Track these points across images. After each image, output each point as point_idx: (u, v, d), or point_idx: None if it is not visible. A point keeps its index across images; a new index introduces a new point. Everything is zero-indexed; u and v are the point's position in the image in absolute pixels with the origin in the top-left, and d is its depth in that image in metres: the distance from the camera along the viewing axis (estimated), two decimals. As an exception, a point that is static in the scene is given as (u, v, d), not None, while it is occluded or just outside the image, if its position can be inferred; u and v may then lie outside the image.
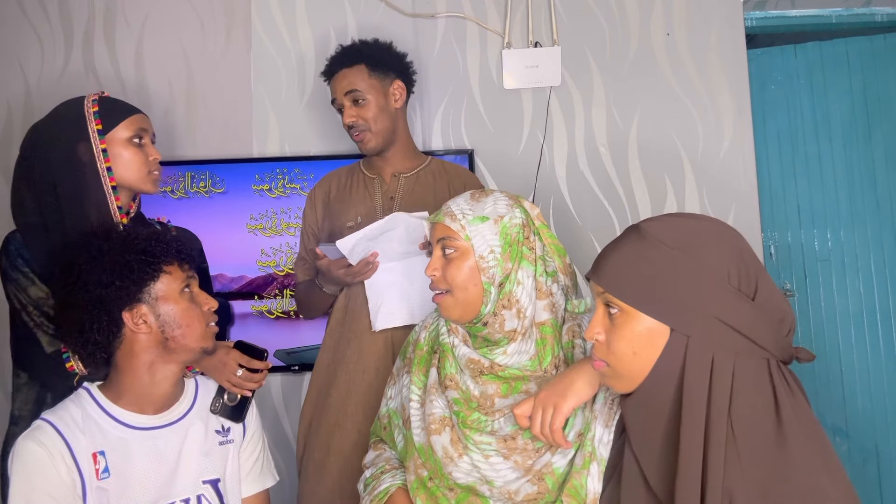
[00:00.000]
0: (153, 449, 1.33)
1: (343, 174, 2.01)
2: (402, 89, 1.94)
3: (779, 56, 2.91)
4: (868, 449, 2.72)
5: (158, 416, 1.36)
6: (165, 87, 2.50)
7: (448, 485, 1.23)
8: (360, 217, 1.88)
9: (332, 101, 1.94)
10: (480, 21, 2.52)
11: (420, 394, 1.34)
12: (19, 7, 2.51)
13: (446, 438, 1.25)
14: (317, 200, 1.98)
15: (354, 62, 1.89)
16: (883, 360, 2.77)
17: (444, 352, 1.33)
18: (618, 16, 2.52)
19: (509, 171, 2.47)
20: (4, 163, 2.47)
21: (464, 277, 1.26)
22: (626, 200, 2.47)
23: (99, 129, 1.56)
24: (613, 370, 1.05)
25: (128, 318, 1.30)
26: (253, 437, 1.48)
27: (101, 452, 1.29)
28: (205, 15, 2.52)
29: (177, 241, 1.36)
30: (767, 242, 2.86)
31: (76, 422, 1.29)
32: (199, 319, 1.35)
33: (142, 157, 1.60)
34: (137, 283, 1.30)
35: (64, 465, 1.25)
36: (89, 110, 1.57)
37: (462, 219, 1.28)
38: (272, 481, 1.51)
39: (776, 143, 2.90)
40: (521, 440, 1.20)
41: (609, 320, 1.05)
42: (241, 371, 1.45)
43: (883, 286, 2.80)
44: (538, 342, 1.26)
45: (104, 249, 1.32)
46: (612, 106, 2.50)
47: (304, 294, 1.94)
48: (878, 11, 2.78)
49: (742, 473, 0.93)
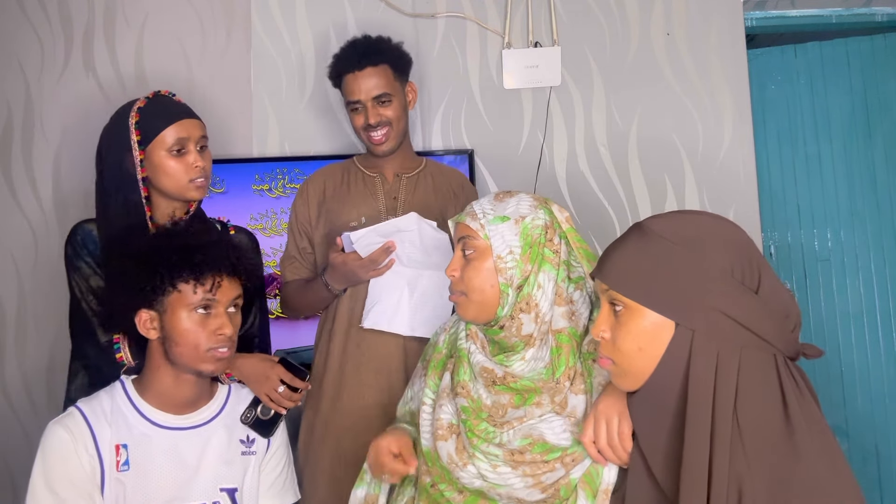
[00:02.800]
0: (174, 449, 1.34)
1: (337, 172, 1.97)
2: (414, 91, 1.96)
3: (779, 56, 2.90)
4: (868, 449, 2.72)
5: (183, 417, 1.37)
6: (165, 87, 2.48)
7: (457, 488, 1.22)
8: (363, 217, 1.86)
9: (348, 101, 1.88)
10: (480, 21, 2.52)
11: (433, 398, 1.31)
12: (19, 7, 2.51)
13: (451, 446, 1.23)
14: (310, 197, 1.93)
15: (380, 62, 1.86)
16: (883, 360, 2.77)
17: (459, 357, 1.30)
18: (618, 16, 2.52)
19: (509, 171, 2.47)
20: (4, 163, 2.47)
21: (481, 280, 1.22)
22: (626, 200, 2.47)
23: (138, 139, 1.57)
24: (619, 367, 1.05)
25: (136, 320, 1.33)
26: (277, 452, 1.47)
27: (124, 445, 1.31)
28: (205, 15, 2.52)
29: (205, 260, 1.32)
30: (767, 242, 2.85)
31: (105, 412, 1.32)
32: (202, 342, 1.32)
33: (182, 166, 1.57)
34: (145, 293, 1.32)
35: (86, 453, 1.28)
36: (131, 121, 1.58)
37: (482, 218, 1.24)
38: (294, 498, 1.50)
39: (776, 143, 2.89)
40: (529, 455, 1.16)
41: (614, 318, 1.05)
42: (283, 388, 1.46)
43: (883, 286, 2.80)
44: (553, 350, 1.22)
45: (127, 252, 1.36)
46: (612, 106, 2.50)
47: (298, 294, 1.90)
48: (878, 11, 2.78)
49: (748, 467, 0.93)
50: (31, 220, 2.46)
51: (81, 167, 2.45)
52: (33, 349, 2.41)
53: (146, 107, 1.59)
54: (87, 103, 2.48)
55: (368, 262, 1.69)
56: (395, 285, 1.74)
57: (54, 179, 2.47)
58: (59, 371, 2.05)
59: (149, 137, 1.56)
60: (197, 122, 1.63)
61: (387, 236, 1.68)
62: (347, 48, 1.92)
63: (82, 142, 2.47)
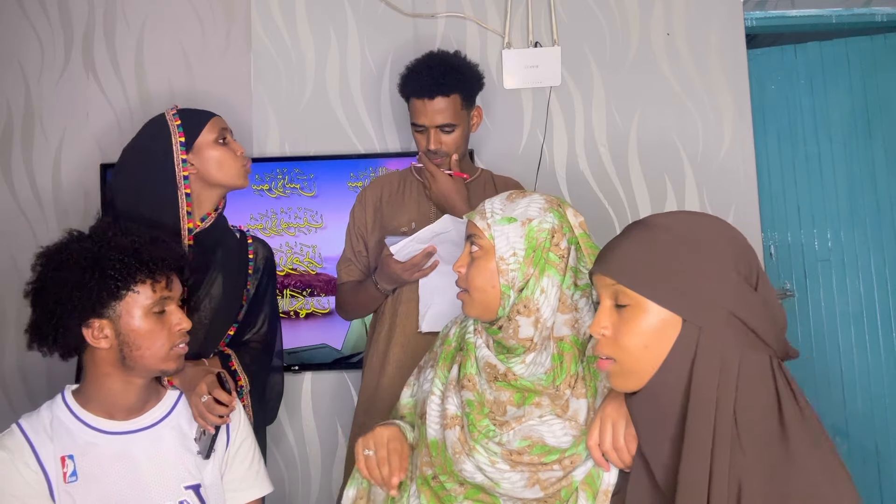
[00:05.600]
0: (125, 453, 1.32)
1: (395, 179, 2.01)
2: (480, 116, 1.99)
3: (779, 56, 2.91)
4: (868, 449, 2.72)
5: (130, 422, 1.35)
6: (165, 87, 2.50)
7: (458, 480, 1.22)
8: (413, 223, 1.90)
9: (413, 122, 1.90)
10: (480, 21, 2.51)
11: (442, 389, 1.30)
12: (19, 7, 2.51)
13: (455, 435, 1.23)
14: (367, 203, 1.98)
15: (451, 91, 1.86)
16: (883, 360, 2.77)
17: (467, 350, 1.30)
18: (618, 16, 2.52)
19: (509, 171, 2.46)
20: (4, 163, 2.47)
21: (483, 279, 1.22)
22: (626, 200, 2.47)
23: (182, 140, 1.59)
24: (621, 367, 1.02)
25: (86, 332, 1.28)
26: (243, 445, 1.47)
27: (70, 456, 1.29)
28: (205, 15, 2.52)
29: (157, 257, 1.30)
30: (767, 242, 2.86)
31: (45, 426, 1.30)
32: (163, 341, 1.31)
33: (231, 153, 1.63)
34: (97, 301, 1.27)
35: (27, 468, 1.27)
36: (172, 125, 1.60)
37: (490, 218, 1.24)
38: (268, 489, 1.50)
39: (776, 143, 2.90)
40: (527, 457, 1.16)
41: (616, 315, 1.02)
42: (207, 397, 1.42)
43: (883, 286, 2.80)
44: (554, 357, 1.20)
45: (70, 261, 1.29)
46: (612, 106, 2.50)
47: (351, 294, 1.95)
48: (878, 11, 2.78)
49: (746, 468, 0.93)
50: (31, 220, 2.46)
51: (81, 167, 2.46)
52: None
53: (180, 112, 1.63)
54: (87, 103, 2.48)
55: (410, 265, 1.75)
56: (444, 285, 1.76)
57: (54, 179, 2.47)
58: (59, 371, 2.05)
59: (194, 135, 1.60)
60: (222, 117, 1.69)
61: (426, 242, 1.72)
62: (423, 69, 1.89)
63: (82, 142, 2.48)
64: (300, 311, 2.42)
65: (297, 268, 2.43)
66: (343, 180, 2.42)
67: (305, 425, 2.44)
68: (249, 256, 1.75)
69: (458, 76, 1.89)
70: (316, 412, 2.44)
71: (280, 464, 2.41)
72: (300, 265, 2.43)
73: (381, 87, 2.49)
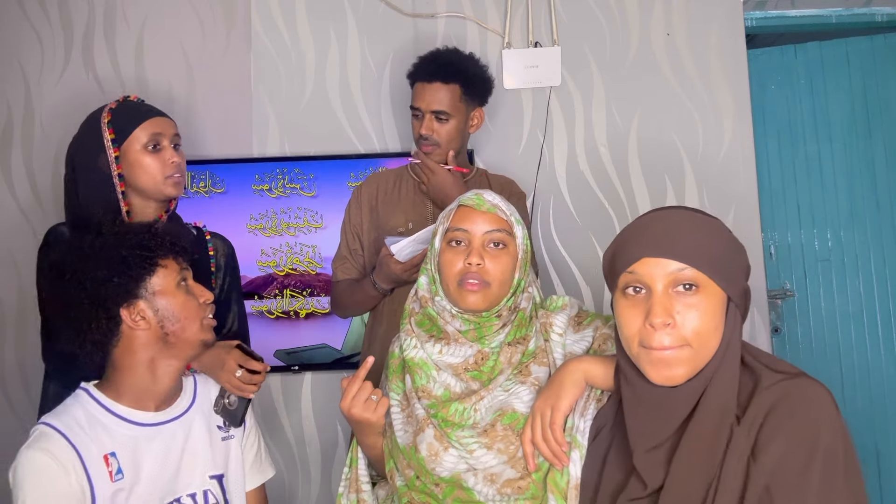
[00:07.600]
0: (162, 444, 1.32)
1: (390, 177, 2.01)
2: (481, 118, 1.99)
3: (779, 56, 2.91)
4: (868, 449, 2.72)
5: (162, 413, 1.35)
6: (165, 87, 2.50)
7: (434, 480, 1.25)
8: (411, 223, 1.90)
9: (411, 105, 1.93)
10: (480, 21, 2.52)
11: (399, 398, 1.34)
12: (19, 7, 2.51)
13: (430, 435, 1.26)
14: (363, 201, 1.98)
15: (451, 80, 1.88)
16: (883, 360, 2.77)
17: (411, 367, 1.33)
18: (618, 16, 2.52)
19: (509, 171, 2.46)
20: (4, 163, 2.47)
21: (507, 273, 1.29)
22: (626, 200, 2.47)
23: (112, 138, 1.57)
24: (695, 352, 0.99)
25: (125, 314, 1.27)
26: (251, 432, 1.49)
27: (113, 454, 1.25)
28: (205, 15, 2.52)
29: (170, 234, 1.34)
30: (767, 242, 2.85)
31: (81, 425, 1.25)
32: (196, 312, 1.32)
33: (158, 163, 1.58)
34: (135, 279, 1.27)
35: (74, 475, 1.20)
36: (104, 121, 1.59)
37: (511, 216, 1.33)
38: (272, 472, 1.52)
39: (776, 143, 2.90)
40: (499, 426, 1.22)
41: (674, 301, 1.00)
42: (241, 372, 1.45)
43: (883, 286, 2.80)
44: (520, 314, 1.32)
45: (97, 246, 1.29)
46: (612, 106, 2.50)
47: (347, 293, 1.94)
48: (878, 11, 2.78)
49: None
50: (31, 220, 2.46)
51: (81, 167, 2.46)
52: (33, 349, 2.40)
53: (117, 108, 1.61)
54: (87, 103, 2.46)
55: (410, 265, 1.76)
56: None
57: (54, 179, 2.46)
58: (59, 371, 2.05)
59: (124, 135, 1.58)
60: (169, 120, 1.65)
61: (426, 243, 1.71)
62: (429, 56, 1.95)
63: (82, 142, 2.48)
64: (300, 311, 2.42)
65: (296, 268, 2.43)
66: (343, 180, 2.42)
67: (305, 425, 2.44)
68: (210, 253, 1.72)
69: (462, 67, 1.91)
70: (316, 412, 2.44)
71: (280, 464, 2.41)
72: (300, 265, 2.43)
73: (381, 87, 2.50)
